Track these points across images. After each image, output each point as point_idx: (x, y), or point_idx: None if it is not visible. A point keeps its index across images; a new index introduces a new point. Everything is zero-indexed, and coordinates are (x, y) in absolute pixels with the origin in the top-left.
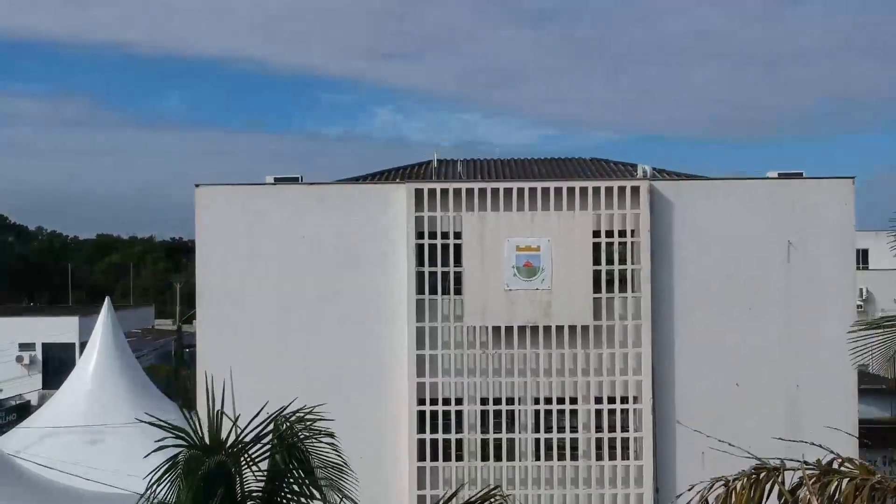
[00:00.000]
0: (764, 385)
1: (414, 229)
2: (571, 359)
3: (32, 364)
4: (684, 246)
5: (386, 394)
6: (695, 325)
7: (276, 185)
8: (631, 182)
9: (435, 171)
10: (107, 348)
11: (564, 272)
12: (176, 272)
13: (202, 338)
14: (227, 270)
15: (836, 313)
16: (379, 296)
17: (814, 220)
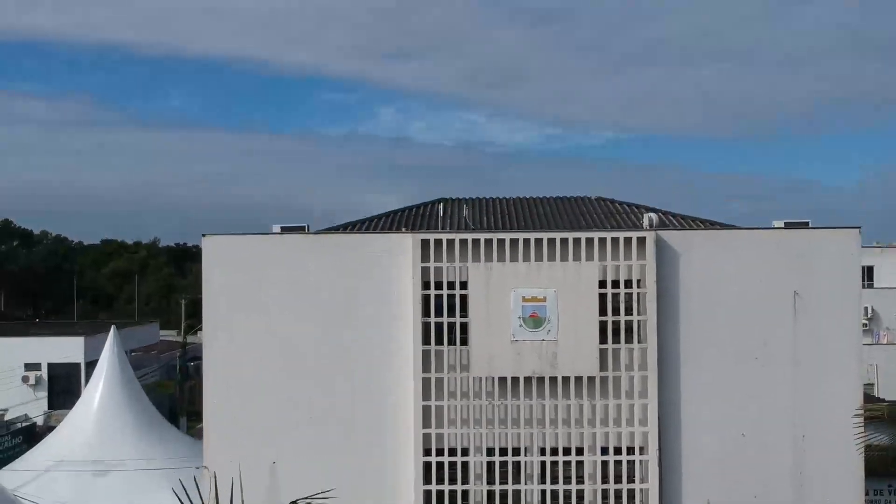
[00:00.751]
0: (770, 435)
1: (420, 279)
2: (577, 409)
3: (38, 384)
4: (690, 296)
5: (392, 444)
6: (701, 375)
7: (282, 235)
8: (637, 233)
9: (440, 217)
10: (112, 379)
11: (570, 323)
12: (180, 275)
13: (209, 389)
14: (234, 320)
15: (842, 364)
16: (385, 346)
17: (819, 271)
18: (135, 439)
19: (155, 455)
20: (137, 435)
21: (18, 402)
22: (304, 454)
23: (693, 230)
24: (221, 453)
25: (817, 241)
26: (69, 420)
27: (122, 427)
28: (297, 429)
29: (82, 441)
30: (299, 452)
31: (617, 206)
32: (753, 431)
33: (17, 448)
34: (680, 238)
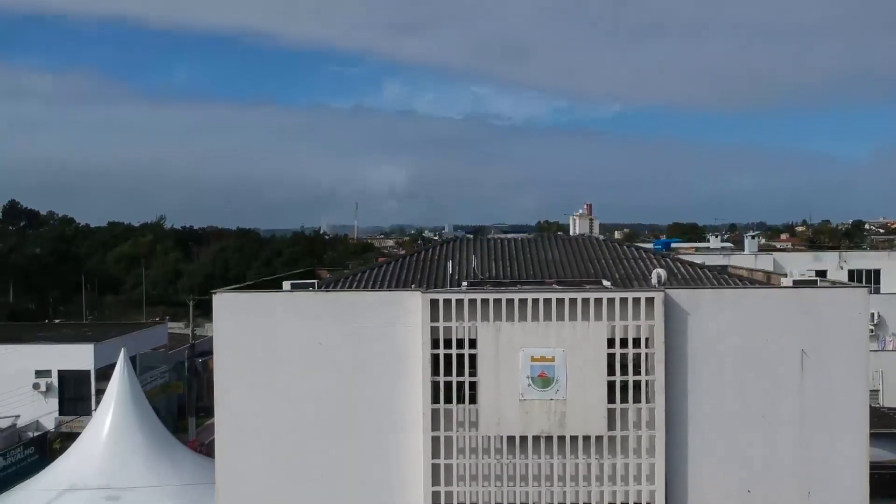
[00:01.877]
0: (776, 492)
1: (429, 338)
2: (585, 467)
3: (49, 391)
4: (698, 354)
5: (402, 501)
6: (708, 433)
7: (292, 293)
8: (646, 293)
9: (449, 275)
10: (123, 405)
11: (579, 382)
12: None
13: (220, 444)
14: (245, 376)
15: (849, 422)
16: (395, 403)
17: (827, 329)
18: (146, 463)
19: (167, 477)
20: (149, 458)
21: (30, 408)
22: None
23: (701, 289)
24: None
25: (824, 299)
26: (79, 445)
27: (133, 451)
28: (308, 484)
29: (94, 466)
30: None
31: (625, 250)
32: (759, 488)
33: (29, 459)
34: (688, 296)
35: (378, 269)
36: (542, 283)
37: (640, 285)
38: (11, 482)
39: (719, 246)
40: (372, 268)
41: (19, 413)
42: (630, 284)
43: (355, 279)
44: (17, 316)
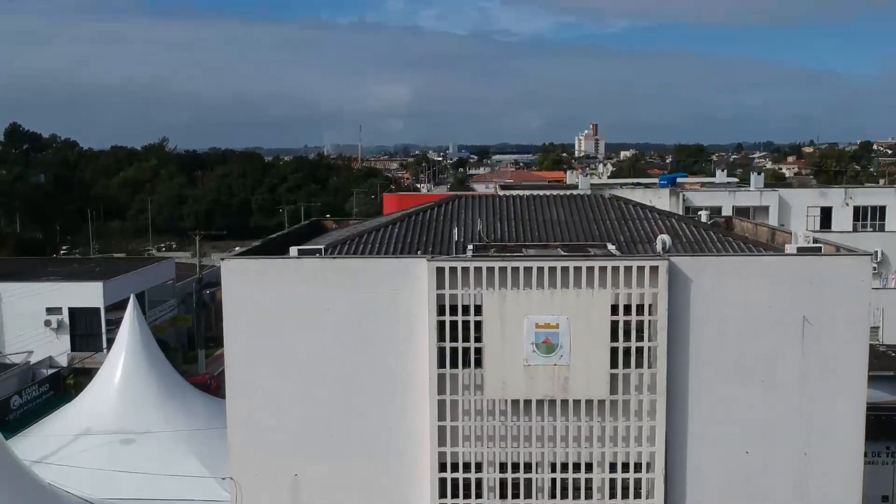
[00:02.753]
0: (773, 453)
1: (435, 305)
2: (587, 429)
3: (60, 328)
4: (700, 320)
5: (409, 461)
6: (709, 397)
7: (299, 259)
8: (650, 262)
9: (455, 242)
10: (134, 351)
11: (582, 349)
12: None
13: (231, 405)
14: (254, 339)
15: (847, 387)
16: (401, 367)
17: (829, 297)
18: (159, 408)
19: (179, 422)
20: (161, 404)
21: (42, 345)
22: (324, 468)
23: (705, 256)
24: (246, 466)
25: (828, 267)
26: (92, 390)
27: (145, 397)
28: (318, 444)
29: (107, 412)
30: (320, 466)
31: (630, 210)
32: (757, 450)
33: (44, 396)
34: (692, 264)
35: (384, 229)
36: (547, 246)
37: (644, 249)
38: (28, 421)
39: (725, 181)
40: (377, 228)
41: (32, 350)
42: (635, 248)
43: (361, 241)
44: (25, 246)
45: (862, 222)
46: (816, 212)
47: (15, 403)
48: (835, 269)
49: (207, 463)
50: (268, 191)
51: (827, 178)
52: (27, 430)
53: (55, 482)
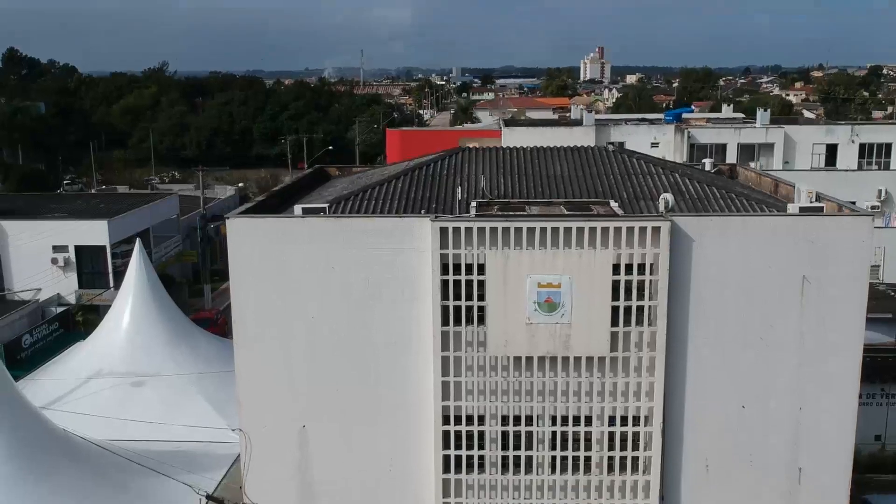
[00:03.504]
0: (770, 407)
1: (439, 264)
2: (588, 385)
3: (67, 265)
4: (701, 279)
5: (414, 414)
6: (707, 354)
7: (304, 218)
8: (652, 223)
9: (459, 201)
10: (141, 295)
11: (584, 308)
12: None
13: (240, 361)
14: (261, 296)
15: (844, 345)
16: (405, 324)
17: (830, 256)
18: (167, 351)
19: (187, 363)
20: (169, 347)
21: (50, 283)
22: (331, 421)
23: (707, 216)
24: (255, 419)
25: (830, 227)
26: (101, 334)
27: (154, 341)
28: (325, 398)
29: (117, 355)
30: (327, 419)
31: (633, 164)
32: (754, 404)
33: (55, 334)
34: (694, 224)
35: (388, 184)
36: (551, 203)
37: (647, 206)
38: (39, 359)
39: (731, 116)
40: (381, 183)
41: (40, 287)
42: (637, 205)
43: (365, 197)
44: (28, 178)
45: (867, 159)
46: (822, 149)
47: (26, 342)
48: (836, 229)
49: (215, 404)
50: (269, 119)
51: (835, 106)
52: (39, 370)
53: (68, 426)
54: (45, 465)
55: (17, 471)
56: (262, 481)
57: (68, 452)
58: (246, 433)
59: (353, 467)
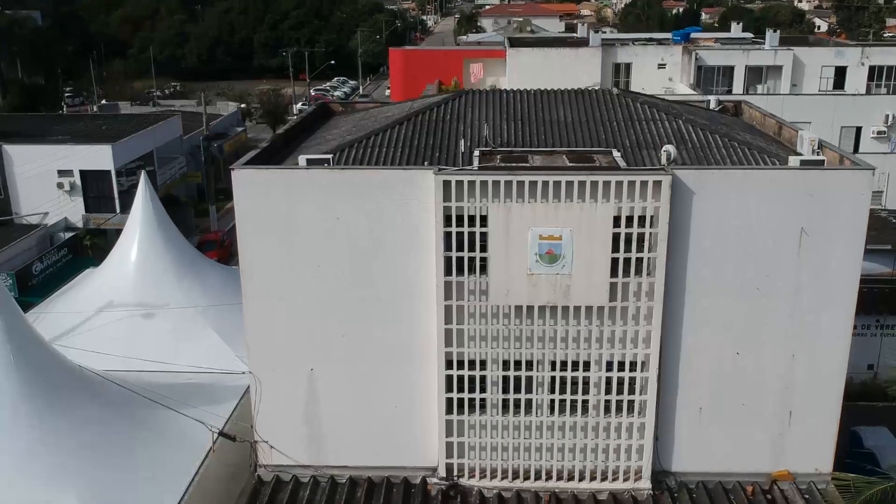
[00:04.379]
0: (763, 355)
1: (442, 217)
2: (586, 333)
3: (73, 190)
4: (701, 232)
5: (417, 359)
6: (704, 303)
7: (308, 170)
8: (653, 177)
9: (462, 153)
10: (148, 227)
11: (584, 259)
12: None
13: (248, 307)
14: (269, 247)
15: (839, 297)
16: (410, 273)
17: (828, 210)
18: (175, 282)
19: (195, 295)
20: (178, 279)
21: (56, 207)
22: (338, 365)
23: (708, 169)
24: (264, 362)
25: (830, 181)
26: (108, 267)
27: (161, 272)
28: (331, 343)
29: (126, 287)
30: (334, 363)
31: (637, 108)
32: (747, 351)
33: (64, 260)
34: (695, 177)
35: (391, 130)
36: (553, 153)
37: (649, 156)
38: (50, 286)
39: (740, 36)
40: (384, 129)
41: (47, 211)
42: (640, 154)
43: (369, 144)
44: (29, 92)
45: (876, 82)
46: (831, 72)
47: (36, 269)
48: (835, 182)
49: (224, 334)
50: (270, 28)
51: (848, 14)
52: (51, 298)
53: (82, 359)
54: (63, 402)
55: (36, 408)
56: (271, 420)
57: (85, 388)
58: (256, 376)
59: (360, 407)
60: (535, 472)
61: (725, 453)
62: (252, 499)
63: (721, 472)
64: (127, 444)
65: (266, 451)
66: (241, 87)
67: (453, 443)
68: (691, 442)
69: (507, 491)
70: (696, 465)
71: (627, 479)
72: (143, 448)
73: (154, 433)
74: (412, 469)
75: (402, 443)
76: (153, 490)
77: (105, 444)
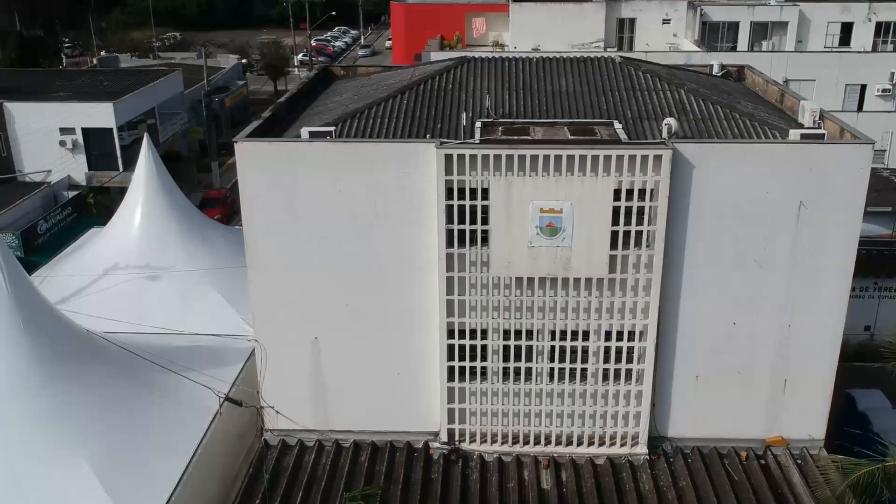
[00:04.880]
0: (759, 325)
1: (444, 190)
2: (586, 303)
3: (75, 148)
4: (700, 204)
5: (419, 328)
6: (702, 274)
7: (311, 143)
8: (654, 151)
9: (464, 127)
10: (151, 189)
11: (584, 232)
12: None
13: (253, 277)
14: (272, 217)
15: (835, 269)
16: (412, 244)
17: (828, 184)
18: (180, 245)
19: (200, 257)
20: (182, 240)
21: (59, 165)
22: (341, 333)
23: (709, 143)
24: (269, 331)
25: (830, 155)
26: (114, 230)
27: (166, 235)
28: (335, 312)
29: (130, 250)
30: (338, 332)
31: (640, 78)
32: (744, 321)
33: (69, 219)
34: (695, 150)
35: (392, 100)
36: (555, 124)
37: (650, 128)
38: (55, 246)
39: None
40: (386, 99)
41: (50, 169)
42: (641, 126)
43: (371, 114)
44: (27, 45)
45: (883, 39)
46: (836, 28)
47: (41, 228)
48: (835, 157)
49: (229, 297)
50: None
51: None
52: (58, 258)
53: (89, 322)
54: (73, 368)
55: (48, 374)
56: (277, 387)
57: (94, 354)
58: (261, 344)
59: (363, 374)
60: (535, 438)
61: (721, 420)
62: (259, 462)
63: (716, 438)
64: (136, 408)
65: (272, 416)
66: (241, 38)
67: (455, 409)
68: (687, 409)
69: (506, 455)
70: (692, 430)
71: (624, 445)
72: (152, 412)
73: (162, 397)
74: (415, 434)
75: (405, 409)
76: (163, 453)
77: (115, 408)
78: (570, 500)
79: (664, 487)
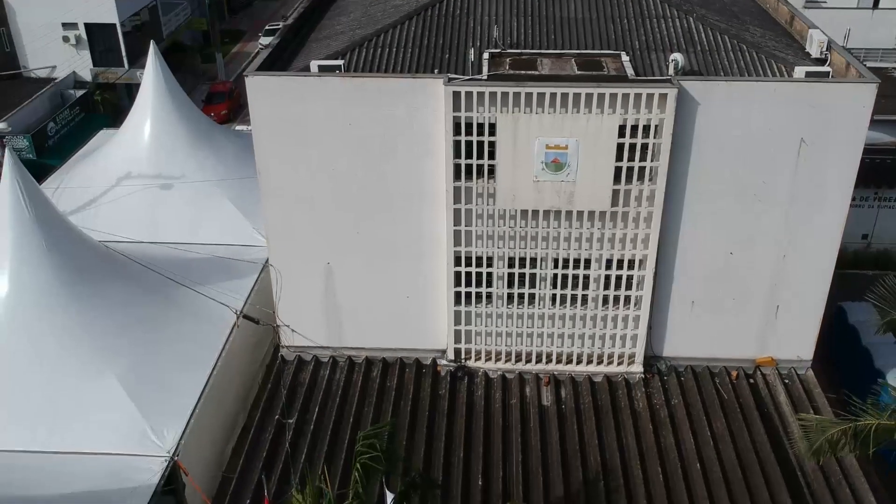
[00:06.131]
0: (755, 255)
1: (452, 125)
2: (588, 234)
3: (79, 43)
4: (702, 141)
5: (427, 256)
6: (701, 207)
7: (320, 78)
8: (659, 90)
9: (472, 63)
10: (159, 99)
11: (589, 168)
12: None
13: (267, 205)
14: (284, 150)
15: (832, 204)
16: (421, 179)
17: (830, 121)
18: (190, 154)
19: (210, 166)
20: (192, 150)
21: (64, 61)
22: (353, 259)
23: (715, 80)
24: (283, 256)
25: (833, 93)
26: (122, 140)
27: (176, 145)
28: (347, 239)
29: (141, 157)
30: (349, 257)
31: (650, 2)
32: (741, 252)
33: (77, 119)
34: (700, 87)
35: (399, 27)
36: (562, 56)
37: (657, 60)
38: (66, 147)
39: None
40: (393, 26)
41: (55, 64)
42: (648, 58)
43: (378, 43)
44: None
45: None
46: None
47: (51, 130)
48: (839, 95)
49: (240, 207)
50: None
51: None
52: (68, 163)
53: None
54: (95, 285)
55: (74, 293)
56: (292, 307)
57: (115, 271)
58: (276, 268)
59: (374, 297)
60: (536, 356)
61: (713, 341)
62: (277, 377)
63: (708, 358)
64: (157, 321)
65: (288, 333)
66: None
67: (461, 330)
68: (682, 331)
69: (510, 373)
70: (686, 351)
71: (621, 364)
72: (172, 325)
73: (180, 312)
74: (423, 351)
75: (414, 328)
76: (184, 365)
77: (137, 323)
78: (568, 416)
79: (657, 405)
